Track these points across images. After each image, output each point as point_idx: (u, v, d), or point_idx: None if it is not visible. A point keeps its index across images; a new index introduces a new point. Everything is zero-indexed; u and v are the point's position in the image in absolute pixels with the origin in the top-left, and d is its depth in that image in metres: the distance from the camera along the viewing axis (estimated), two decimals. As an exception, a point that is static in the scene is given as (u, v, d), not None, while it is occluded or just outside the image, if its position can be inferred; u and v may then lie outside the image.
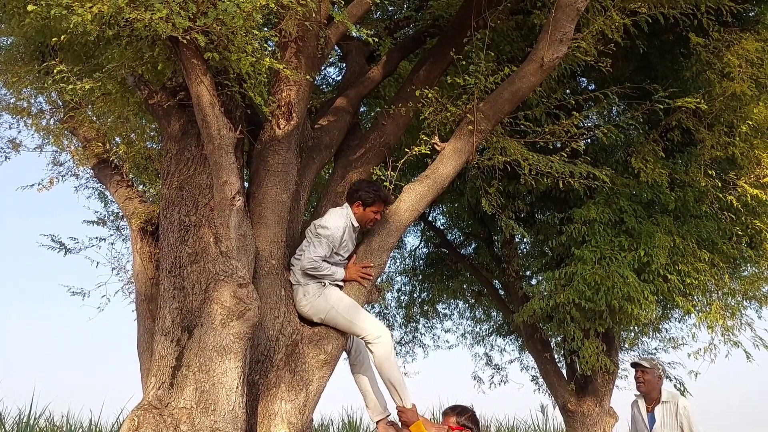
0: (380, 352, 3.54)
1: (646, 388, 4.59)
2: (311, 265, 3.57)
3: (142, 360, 3.60)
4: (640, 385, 4.62)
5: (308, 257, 3.57)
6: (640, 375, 4.63)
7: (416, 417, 3.59)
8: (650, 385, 4.57)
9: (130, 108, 3.99)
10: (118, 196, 4.09)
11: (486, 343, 9.78)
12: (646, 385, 4.58)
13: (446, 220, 9.34)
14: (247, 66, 3.10)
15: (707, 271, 5.78)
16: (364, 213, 3.75)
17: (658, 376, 4.61)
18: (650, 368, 4.59)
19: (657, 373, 4.61)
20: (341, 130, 4.43)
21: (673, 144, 6.02)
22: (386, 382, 3.62)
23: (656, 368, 4.63)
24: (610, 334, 6.56)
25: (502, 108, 4.01)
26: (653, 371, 4.59)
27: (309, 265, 3.57)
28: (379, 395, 3.79)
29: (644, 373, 4.61)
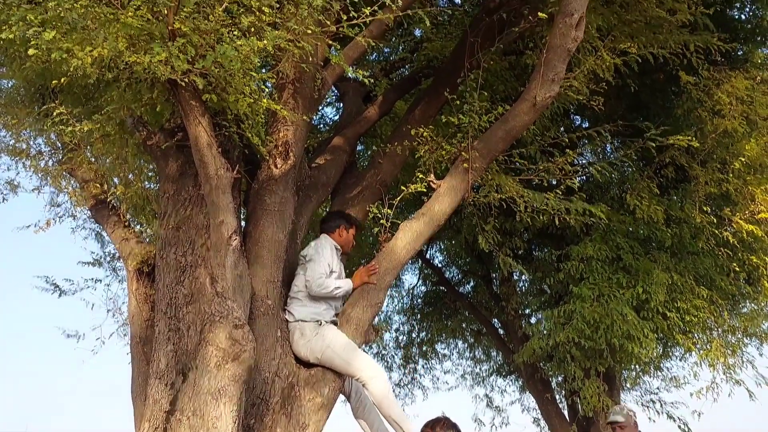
0: (377, 390, 3.49)
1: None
2: (318, 285, 3.61)
3: (136, 404, 3.53)
4: None
5: (312, 279, 3.61)
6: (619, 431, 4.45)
7: None
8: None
9: (128, 149, 4.01)
10: (115, 236, 4.08)
11: (486, 383, 9.64)
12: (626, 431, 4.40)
13: (444, 257, 9.32)
14: (245, 107, 3.14)
15: (706, 308, 5.76)
16: (348, 236, 3.93)
17: (633, 424, 4.44)
18: (625, 421, 4.40)
19: (632, 422, 4.43)
20: (338, 168, 4.46)
21: (667, 181, 6.07)
22: (388, 419, 3.56)
23: (630, 418, 4.43)
24: (611, 374, 6.48)
25: (497, 146, 4.05)
26: (628, 422, 4.40)
27: (317, 287, 3.61)
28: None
29: (622, 428, 4.42)
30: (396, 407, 3.57)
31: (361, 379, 3.53)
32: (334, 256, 3.80)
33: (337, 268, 3.82)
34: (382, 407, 3.54)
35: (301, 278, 3.73)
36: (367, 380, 3.50)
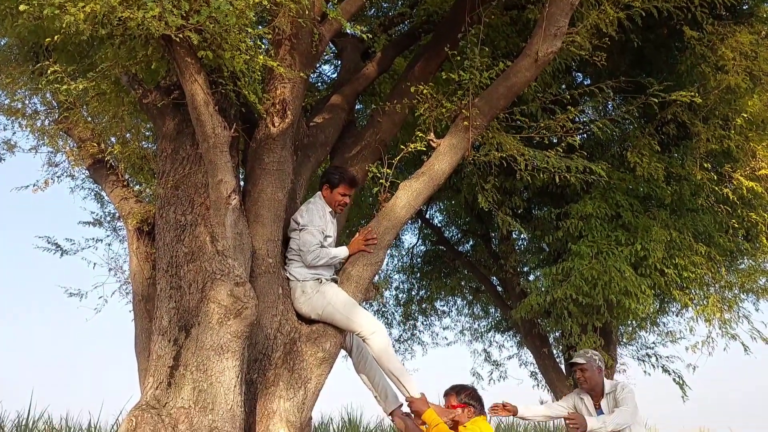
0: (377, 345, 3.55)
1: (589, 385, 4.22)
2: (313, 258, 3.60)
3: (140, 360, 3.59)
4: (582, 384, 4.25)
5: (308, 250, 3.59)
6: (580, 374, 4.25)
7: (426, 405, 3.55)
8: (592, 380, 4.19)
9: (124, 108, 3.97)
10: (114, 196, 4.07)
11: (484, 339, 9.80)
12: (588, 383, 4.21)
13: (443, 217, 9.35)
14: (241, 64, 3.09)
15: (704, 264, 5.80)
16: (332, 195, 3.80)
17: (597, 368, 4.22)
18: (587, 363, 4.20)
19: (595, 366, 4.22)
20: (336, 127, 4.42)
21: (668, 138, 6.03)
22: (388, 374, 3.63)
23: (593, 361, 4.23)
24: (608, 329, 6.58)
25: (498, 103, 4.01)
26: (591, 365, 4.20)
27: (311, 258, 3.60)
28: (388, 387, 3.78)
29: (583, 371, 4.22)
30: (395, 361, 3.63)
31: (361, 335, 3.58)
32: (326, 219, 3.74)
33: (332, 232, 3.77)
34: (382, 361, 3.60)
35: (295, 242, 3.73)
36: (368, 335, 3.56)
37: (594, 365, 4.22)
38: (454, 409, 3.65)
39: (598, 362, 4.25)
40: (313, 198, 3.85)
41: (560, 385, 7.04)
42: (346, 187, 3.80)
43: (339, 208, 3.86)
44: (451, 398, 3.70)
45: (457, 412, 3.63)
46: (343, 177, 3.81)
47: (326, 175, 3.86)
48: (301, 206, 3.85)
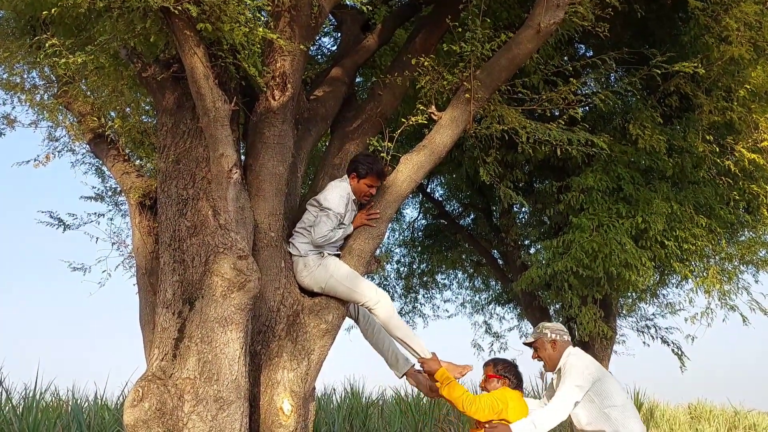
0: (383, 314, 3.59)
1: (549, 365, 3.73)
2: (322, 241, 3.61)
3: (145, 333, 3.64)
4: (544, 365, 3.78)
5: (318, 234, 3.60)
6: (535, 354, 3.79)
7: (438, 365, 3.59)
8: (549, 359, 3.70)
9: (124, 81, 3.95)
10: (115, 170, 4.07)
11: (485, 311, 9.89)
12: (547, 363, 3.73)
13: (444, 191, 9.36)
14: (240, 36, 3.07)
15: (704, 236, 5.83)
16: (358, 185, 3.77)
17: (551, 341, 3.70)
18: (537, 340, 3.74)
19: (549, 339, 3.71)
20: (337, 100, 4.40)
21: (671, 110, 6.00)
22: (397, 340, 3.68)
23: (545, 336, 3.73)
24: (608, 301, 6.63)
25: (499, 75, 3.98)
26: (542, 341, 3.72)
27: (320, 241, 3.61)
28: (398, 351, 3.84)
29: (535, 349, 3.77)
30: (403, 327, 3.67)
31: (365, 305, 3.62)
32: (348, 206, 3.72)
33: (347, 220, 3.75)
34: (390, 329, 3.65)
35: (309, 217, 3.73)
36: (372, 305, 3.59)
37: (546, 339, 3.72)
38: (489, 378, 3.68)
39: (552, 335, 3.73)
40: (341, 181, 3.81)
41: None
42: (373, 179, 3.75)
43: (364, 199, 3.81)
44: (489, 369, 3.72)
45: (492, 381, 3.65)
46: (371, 169, 3.73)
47: (354, 164, 3.79)
48: (329, 184, 3.82)
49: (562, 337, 3.73)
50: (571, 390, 3.46)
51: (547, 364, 3.74)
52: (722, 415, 13.50)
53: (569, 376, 3.51)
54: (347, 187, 3.76)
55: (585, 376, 3.50)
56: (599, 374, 3.56)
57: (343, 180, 3.83)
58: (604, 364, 7.01)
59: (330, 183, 3.87)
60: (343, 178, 3.85)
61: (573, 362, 3.56)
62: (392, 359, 3.85)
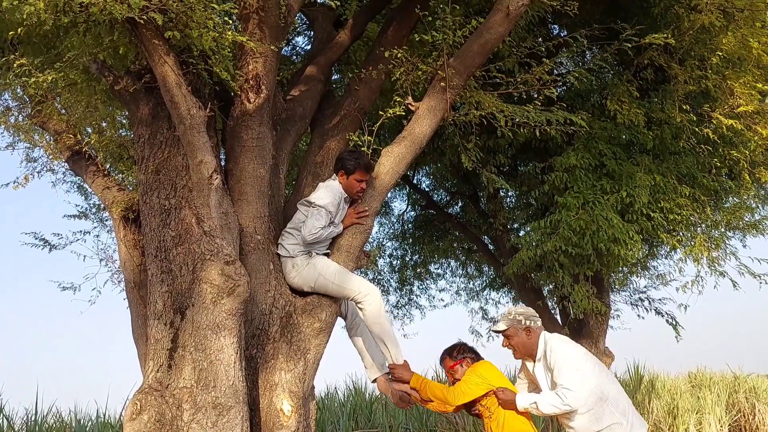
0: (370, 308, 3.60)
1: (520, 353, 3.58)
2: (313, 238, 3.59)
3: (139, 346, 3.63)
4: (514, 354, 3.62)
5: (309, 231, 3.57)
6: (506, 342, 3.60)
7: (410, 372, 3.65)
8: (522, 346, 3.54)
9: (97, 96, 3.92)
10: (96, 186, 4.05)
11: (480, 297, 9.94)
12: (520, 350, 3.57)
13: (431, 181, 9.38)
14: (210, 42, 3.06)
15: (689, 205, 5.88)
16: (348, 182, 3.76)
17: (524, 329, 3.52)
18: (509, 328, 3.55)
19: (522, 327, 3.53)
20: (314, 99, 4.39)
21: (647, 83, 6.04)
22: (377, 338, 3.68)
23: (517, 322, 3.54)
24: (600, 277, 6.68)
25: (473, 61, 3.99)
26: (515, 329, 3.54)
27: (311, 239, 3.59)
28: (377, 354, 3.85)
29: (507, 337, 3.58)
30: (387, 327, 3.67)
31: (356, 299, 3.62)
32: (340, 205, 3.70)
33: (338, 219, 3.74)
34: (374, 326, 3.64)
35: (300, 216, 3.72)
36: (362, 299, 3.60)
37: (520, 327, 3.54)
38: (452, 369, 3.71)
39: (526, 322, 3.55)
40: (331, 181, 3.79)
41: (557, 335, 7.17)
42: (362, 173, 3.73)
43: (357, 195, 3.79)
44: (447, 361, 3.75)
45: (457, 369, 3.70)
46: (359, 163, 3.70)
47: (341, 162, 3.76)
48: (319, 185, 3.81)
49: (536, 323, 3.58)
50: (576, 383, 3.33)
51: (518, 352, 3.59)
52: (722, 381, 13.65)
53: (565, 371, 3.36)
54: (337, 186, 3.75)
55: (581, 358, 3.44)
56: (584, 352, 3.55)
57: (332, 180, 3.82)
58: (601, 340, 7.07)
59: (320, 184, 3.85)
60: (332, 178, 3.83)
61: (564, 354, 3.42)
62: (368, 361, 3.86)
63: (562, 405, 3.36)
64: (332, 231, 3.70)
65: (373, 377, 3.88)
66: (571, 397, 3.33)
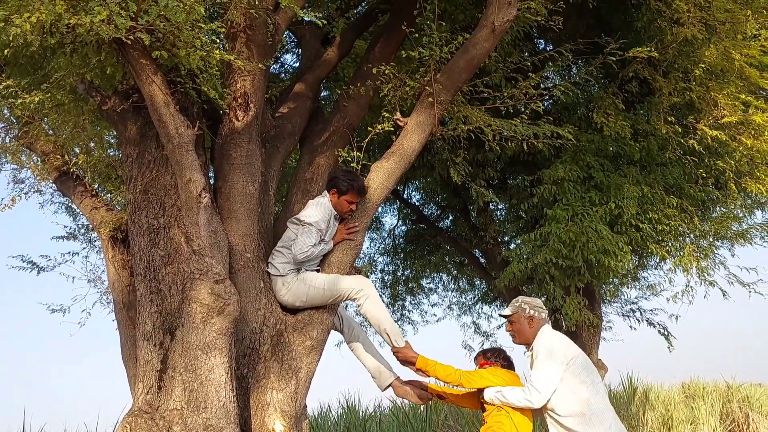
0: (367, 300, 3.57)
1: (519, 339, 3.66)
2: (304, 256, 3.58)
3: (128, 367, 3.59)
4: (513, 338, 3.71)
5: (300, 249, 3.56)
6: (509, 326, 3.72)
7: (414, 353, 3.59)
8: (522, 333, 3.64)
9: (84, 117, 3.91)
10: (84, 206, 4.03)
11: (472, 311, 9.94)
12: (519, 336, 3.66)
13: (421, 195, 9.41)
14: (197, 60, 3.06)
15: (677, 216, 5.93)
16: (339, 201, 3.76)
17: (527, 318, 3.63)
18: (514, 314, 3.67)
19: (526, 315, 3.64)
20: (303, 116, 4.41)
21: (632, 95, 6.11)
22: (377, 327, 3.61)
23: (522, 310, 3.65)
24: (591, 289, 6.70)
25: (459, 77, 4.02)
26: (519, 316, 3.65)
27: (302, 257, 3.58)
28: (382, 361, 3.82)
29: (510, 323, 3.70)
30: (386, 314, 3.63)
31: (351, 296, 3.58)
32: (330, 222, 3.70)
33: (328, 236, 3.74)
34: (373, 315, 3.58)
35: (290, 234, 3.71)
36: (358, 294, 3.57)
37: (524, 315, 3.65)
38: (482, 367, 3.73)
39: (530, 311, 3.65)
40: (321, 198, 3.79)
41: (549, 348, 7.16)
42: (353, 195, 3.74)
43: (345, 214, 3.80)
44: (480, 359, 3.81)
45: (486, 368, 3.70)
46: (352, 185, 3.71)
47: (335, 180, 3.76)
48: (309, 202, 3.81)
49: (540, 314, 3.67)
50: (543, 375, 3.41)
51: (517, 338, 3.67)
52: (716, 390, 13.65)
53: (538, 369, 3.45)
54: (327, 204, 3.75)
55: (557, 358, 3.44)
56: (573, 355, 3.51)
57: (323, 196, 3.82)
58: (594, 351, 7.07)
59: (309, 201, 3.85)
60: (323, 194, 3.83)
61: (544, 350, 3.49)
62: (375, 371, 3.82)
63: (524, 399, 3.42)
64: (323, 248, 3.69)
65: (385, 385, 3.80)
66: (534, 395, 3.40)
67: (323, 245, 3.69)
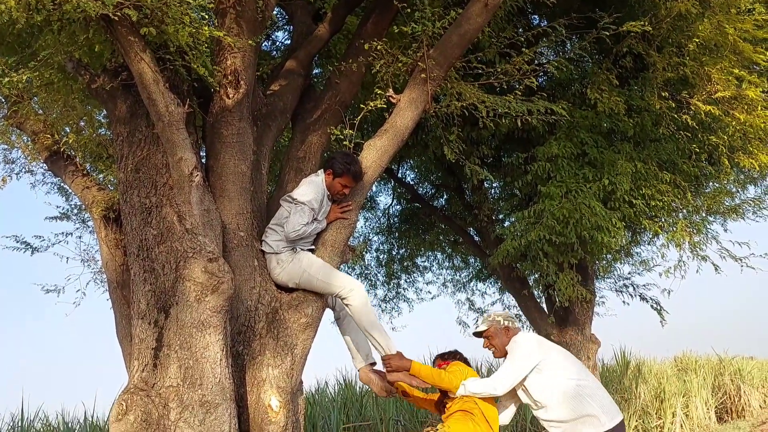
0: (356, 303, 3.60)
1: (500, 353, 3.77)
2: (296, 235, 3.58)
3: (124, 346, 3.60)
4: (494, 352, 3.80)
5: (292, 228, 3.56)
6: (487, 343, 3.82)
7: (407, 360, 3.66)
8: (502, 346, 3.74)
9: (74, 95, 3.87)
10: (76, 186, 4.00)
11: (467, 289, 9.98)
12: (499, 350, 3.76)
13: (415, 174, 9.39)
14: (186, 37, 3.03)
15: (670, 191, 5.94)
16: (332, 182, 3.75)
17: (504, 328, 3.75)
18: (488, 328, 3.78)
19: (502, 326, 3.75)
20: (294, 93, 4.37)
21: (626, 71, 6.08)
22: (366, 333, 3.68)
23: (496, 323, 3.77)
24: (584, 265, 6.73)
25: (452, 52, 3.99)
26: (495, 329, 3.76)
27: (294, 236, 3.58)
28: (362, 346, 3.86)
29: (488, 338, 3.79)
30: (374, 320, 3.67)
31: (341, 295, 3.62)
32: (323, 201, 3.70)
33: (321, 216, 3.74)
34: (361, 320, 3.64)
35: (283, 212, 3.70)
36: (347, 294, 3.59)
37: (499, 327, 3.77)
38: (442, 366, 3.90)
39: (505, 322, 3.78)
40: (315, 176, 3.77)
41: (543, 323, 7.24)
42: (348, 180, 3.72)
43: (337, 197, 3.79)
44: (438, 362, 4.01)
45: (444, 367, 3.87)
46: (348, 169, 3.68)
47: (332, 161, 3.74)
48: (303, 180, 3.79)
49: (514, 324, 3.83)
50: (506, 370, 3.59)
51: (498, 352, 3.80)
52: (708, 364, 13.85)
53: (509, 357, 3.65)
54: (321, 183, 3.74)
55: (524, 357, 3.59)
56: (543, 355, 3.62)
57: (318, 175, 3.80)
58: (587, 327, 7.14)
59: (303, 180, 3.84)
60: (318, 173, 3.82)
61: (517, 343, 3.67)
62: (354, 352, 3.89)
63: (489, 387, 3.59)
64: (316, 227, 3.69)
65: (358, 366, 3.89)
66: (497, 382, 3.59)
67: (316, 224, 3.69)
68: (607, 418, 3.53)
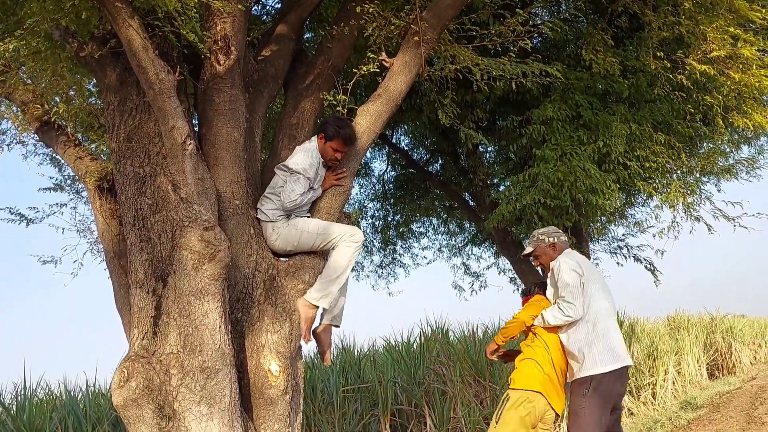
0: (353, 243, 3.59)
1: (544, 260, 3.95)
2: (292, 205, 3.59)
3: (123, 315, 3.63)
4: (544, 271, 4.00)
5: (288, 198, 3.57)
6: (536, 261, 4.03)
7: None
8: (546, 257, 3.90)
9: (63, 64, 3.80)
10: (68, 156, 3.97)
11: (462, 253, 10.06)
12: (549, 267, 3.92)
13: (410, 140, 9.34)
14: (175, 2, 2.97)
15: (665, 152, 5.94)
16: (324, 147, 3.73)
17: (550, 245, 3.90)
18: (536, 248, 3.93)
19: (547, 243, 3.90)
20: (286, 58, 4.31)
21: (621, 31, 6.01)
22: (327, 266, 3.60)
23: (541, 241, 3.92)
24: (579, 227, 6.78)
25: (446, 14, 3.93)
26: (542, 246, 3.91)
27: (290, 205, 3.58)
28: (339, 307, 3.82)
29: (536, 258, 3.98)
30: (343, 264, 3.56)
31: (342, 240, 3.59)
32: (318, 169, 3.67)
33: (317, 183, 3.71)
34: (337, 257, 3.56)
35: (278, 181, 3.69)
36: (348, 238, 3.59)
37: (545, 245, 3.91)
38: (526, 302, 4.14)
39: (550, 239, 3.92)
40: (309, 144, 3.74)
41: (538, 286, 7.31)
42: (340, 144, 3.68)
43: (330, 162, 3.76)
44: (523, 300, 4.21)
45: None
46: (338, 132, 3.63)
47: (324, 125, 3.71)
48: (296, 148, 3.76)
49: (560, 239, 3.93)
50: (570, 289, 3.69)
51: (548, 269, 3.91)
52: (700, 322, 14.10)
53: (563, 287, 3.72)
54: (315, 149, 3.72)
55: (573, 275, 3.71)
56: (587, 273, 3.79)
57: (311, 142, 3.78)
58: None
59: (297, 147, 3.82)
60: (311, 140, 3.80)
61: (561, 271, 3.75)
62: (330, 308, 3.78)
63: (563, 317, 3.73)
64: (312, 196, 3.69)
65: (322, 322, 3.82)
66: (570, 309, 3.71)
67: (312, 193, 3.69)
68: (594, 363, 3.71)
